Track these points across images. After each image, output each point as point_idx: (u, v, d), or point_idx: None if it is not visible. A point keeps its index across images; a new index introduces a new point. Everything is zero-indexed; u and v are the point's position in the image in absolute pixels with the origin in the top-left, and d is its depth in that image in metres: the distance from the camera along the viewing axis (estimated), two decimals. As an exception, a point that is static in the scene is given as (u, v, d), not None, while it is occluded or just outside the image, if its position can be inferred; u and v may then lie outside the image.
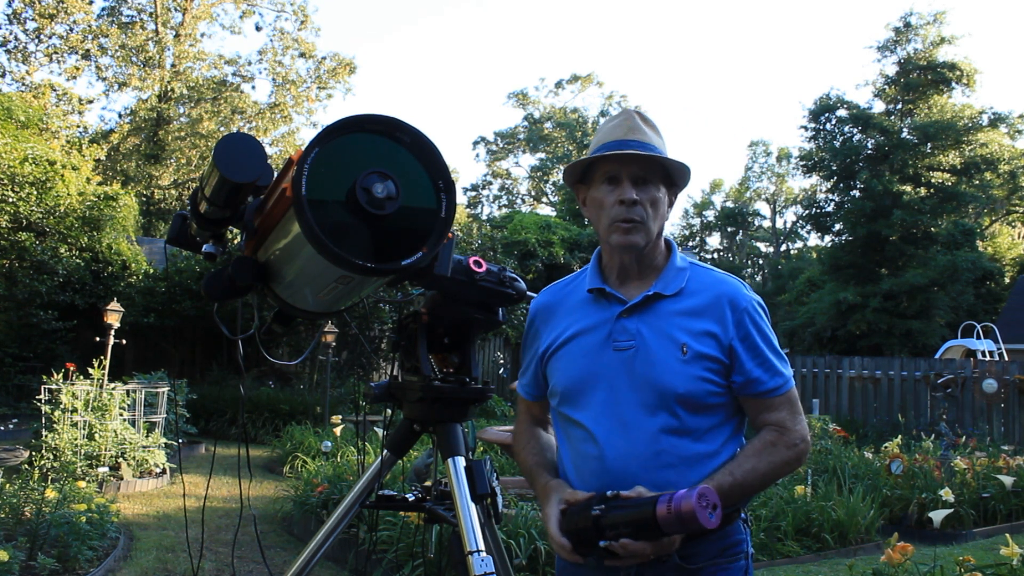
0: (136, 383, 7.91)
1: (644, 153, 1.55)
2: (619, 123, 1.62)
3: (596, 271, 1.67)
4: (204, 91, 26.43)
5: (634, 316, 1.58)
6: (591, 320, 1.62)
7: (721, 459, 1.54)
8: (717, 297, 1.57)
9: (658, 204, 1.58)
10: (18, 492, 4.54)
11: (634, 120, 1.61)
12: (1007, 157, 26.65)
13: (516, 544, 3.98)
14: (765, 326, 1.59)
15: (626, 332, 1.57)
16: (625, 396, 1.55)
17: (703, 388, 1.53)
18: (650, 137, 1.59)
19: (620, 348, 1.56)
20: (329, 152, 1.36)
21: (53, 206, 12.38)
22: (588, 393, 1.59)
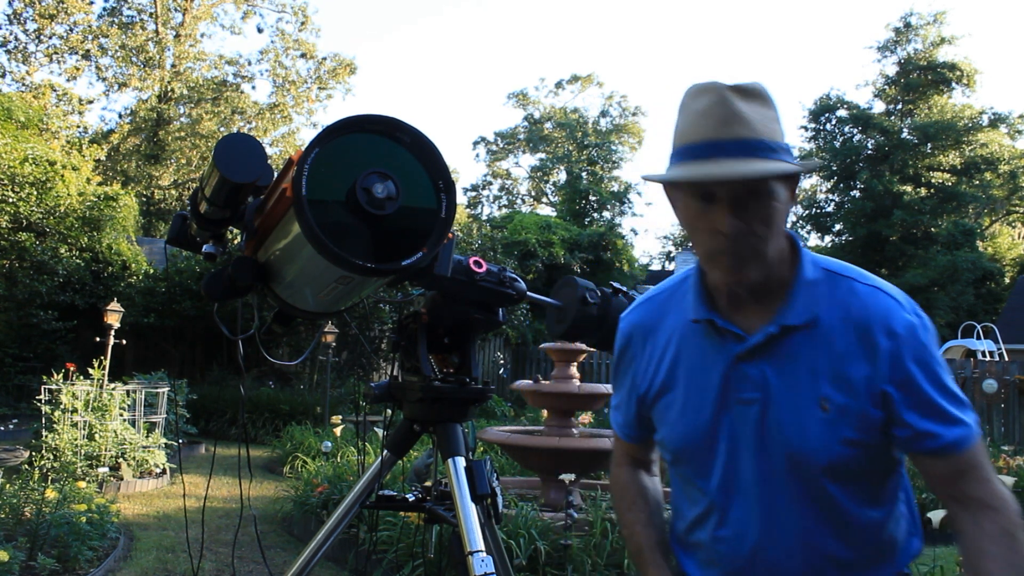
0: (136, 383, 7.91)
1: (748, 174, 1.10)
2: (707, 108, 1.14)
3: (700, 292, 1.28)
4: (204, 91, 26.44)
5: (757, 359, 1.21)
6: (702, 360, 1.27)
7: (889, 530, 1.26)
8: (864, 324, 1.18)
9: (774, 216, 1.15)
10: (18, 492, 4.54)
11: (729, 104, 1.13)
12: (1007, 157, 26.67)
13: (516, 544, 3.98)
14: (932, 359, 1.18)
15: (748, 381, 1.22)
16: (755, 465, 1.22)
17: (856, 454, 1.18)
18: (755, 124, 1.13)
19: (743, 402, 1.22)
20: (329, 152, 1.36)
21: (53, 206, 12.38)
22: (707, 457, 1.27)
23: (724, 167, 1.11)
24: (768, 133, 1.14)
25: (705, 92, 1.16)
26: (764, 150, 1.12)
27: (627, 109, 38.10)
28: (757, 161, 1.11)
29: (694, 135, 1.16)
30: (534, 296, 1.79)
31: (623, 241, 21.22)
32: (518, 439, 5.29)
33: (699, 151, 1.14)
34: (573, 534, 4.12)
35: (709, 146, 1.13)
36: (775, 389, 1.20)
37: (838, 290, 1.22)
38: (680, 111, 1.21)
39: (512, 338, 15.57)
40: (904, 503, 1.32)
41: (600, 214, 26.91)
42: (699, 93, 1.17)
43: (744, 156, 1.11)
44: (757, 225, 1.14)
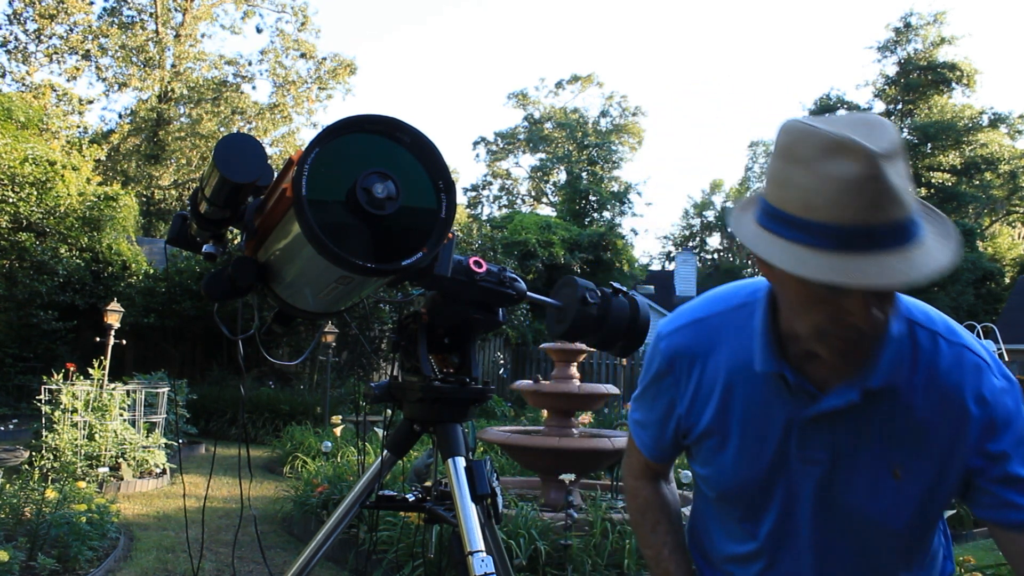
0: (136, 383, 7.91)
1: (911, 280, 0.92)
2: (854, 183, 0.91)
3: (769, 339, 1.13)
4: (204, 91, 26.45)
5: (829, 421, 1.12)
6: (763, 409, 1.16)
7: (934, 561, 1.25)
8: (950, 389, 1.08)
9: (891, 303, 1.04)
10: (18, 492, 4.54)
11: (884, 179, 0.91)
12: (1007, 157, 26.70)
13: (516, 544, 3.98)
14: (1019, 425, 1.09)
15: (816, 441, 1.13)
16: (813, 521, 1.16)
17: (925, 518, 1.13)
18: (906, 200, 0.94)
19: (808, 461, 1.14)
20: (329, 152, 1.36)
21: (53, 206, 12.39)
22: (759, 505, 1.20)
23: (883, 269, 0.91)
24: (912, 200, 0.95)
25: (847, 155, 0.92)
26: (913, 228, 0.95)
27: (627, 109, 38.13)
28: (911, 250, 0.93)
29: (836, 215, 0.93)
30: (534, 296, 1.79)
31: (623, 241, 21.24)
32: (518, 439, 5.29)
33: (844, 238, 0.93)
34: (573, 534, 4.13)
35: (859, 234, 0.92)
36: (845, 452, 1.11)
37: (923, 347, 1.10)
38: (800, 165, 0.96)
39: (512, 338, 15.57)
40: (942, 532, 1.29)
41: (600, 214, 26.92)
42: (836, 152, 0.93)
43: (899, 245, 0.93)
44: (885, 307, 1.01)
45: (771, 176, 1.01)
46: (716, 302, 1.26)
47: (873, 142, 0.91)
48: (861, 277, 0.91)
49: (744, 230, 1.04)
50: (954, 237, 1.00)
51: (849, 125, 0.94)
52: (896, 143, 0.94)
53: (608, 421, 9.28)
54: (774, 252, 0.97)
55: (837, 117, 0.99)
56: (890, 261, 0.92)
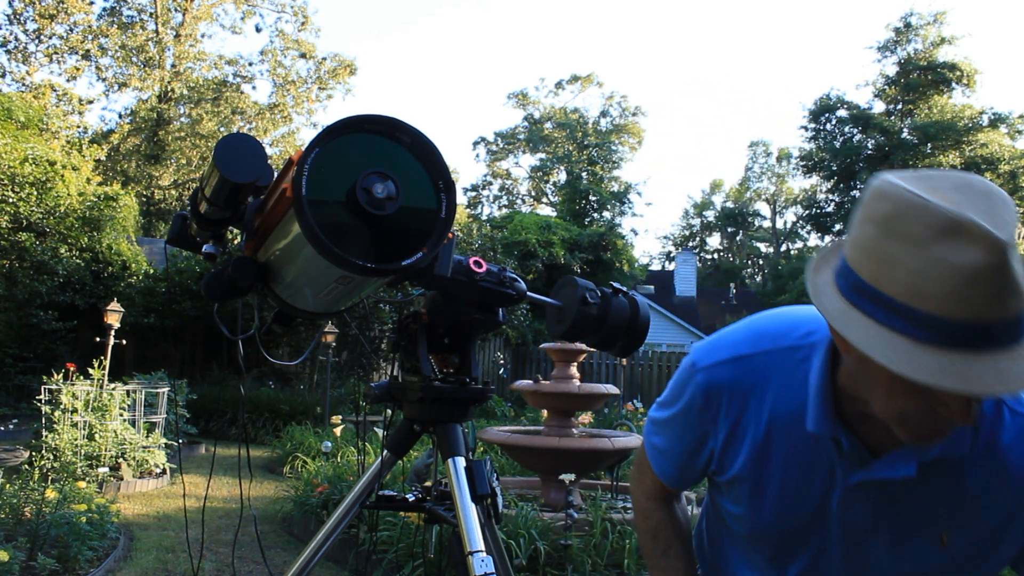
0: (136, 383, 7.91)
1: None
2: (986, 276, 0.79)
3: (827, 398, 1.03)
4: (204, 91, 26.46)
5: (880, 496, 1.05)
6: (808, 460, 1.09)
7: None
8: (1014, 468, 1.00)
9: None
10: (18, 492, 4.54)
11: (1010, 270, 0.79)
12: (1007, 157, 26.70)
13: (516, 544, 3.98)
14: None
15: (861, 503, 1.06)
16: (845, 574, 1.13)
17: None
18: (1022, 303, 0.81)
19: (849, 522, 1.08)
20: (329, 152, 1.37)
21: (53, 206, 12.39)
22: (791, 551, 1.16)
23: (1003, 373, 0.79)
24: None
25: (969, 239, 0.79)
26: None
27: (627, 109, 38.13)
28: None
29: (951, 308, 0.80)
30: (534, 296, 1.79)
31: (623, 241, 21.24)
32: (518, 439, 5.29)
33: (958, 335, 0.80)
34: (573, 534, 4.13)
35: (974, 330, 0.80)
36: (889, 518, 1.05)
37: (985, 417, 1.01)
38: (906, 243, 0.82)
39: (512, 338, 15.58)
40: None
41: (600, 214, 26.93)
42: (955, 236, 0.79)
43: (1013, 342, 0.81)
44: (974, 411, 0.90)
45: (867, 248, 0.87)
46: (764, 338, 1.14)
47: (997, 225, 0.79)
48: (977, 383, 0.79)
49: (828, 303, 0.90)
50: None
51: (966, 198, 0.81)
52: (1015, 221, 0.82)
53: (608, 421, 9.28)
54: (871, 341, 0.84)
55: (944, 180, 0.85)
56: (1006, 363, 0.80)
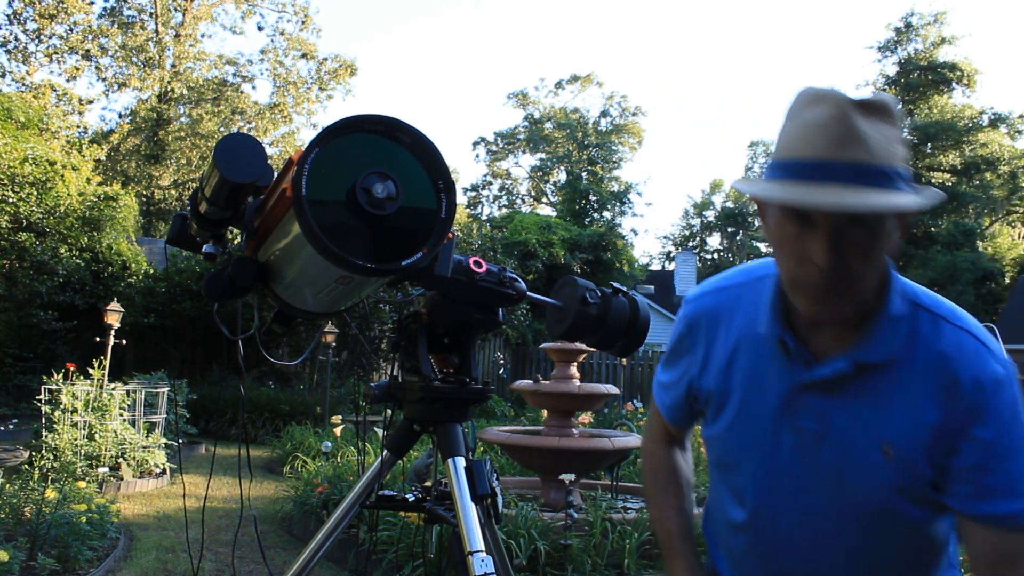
0: (136, 383, 7.91)
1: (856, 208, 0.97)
2: (823, 123, 1.00)
3: (777, 304, 1.16)
4: (204, 91, 26.46)
5: (821, 390, 1.14)
6: (764, 375, 1.19)
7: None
8: (948, 371, 1.07)
9: (876, 250, 1.04)
10: (18, 492, 4.54)
11: (849, 120, 0.99)
12: (1007, 157, 26.71)
13: (516, 544, 3.98)
14: (1012, 417, 1.07)
15: (808, 410, 1.14)
16: (799, 494, 1.17)
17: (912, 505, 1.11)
18: (872, 146, 0.98)
19: (798, 430, 1.15)
20: (329, 152, 1.37)
21: (53, 206, 12.39)
22: (752, 473, 1.23)
23: (831, 195, 0.97)
24: (887, 158, 1.00)
25: (822, 101, 1.01)
26: (880, 178, 0.98)
27: (627, 109, 38.14)
28: (871, 191, 0.97)
29: (802, 150, 1.01)
30: (534, 296, 1.79)
31: (623, 241, 21.24)
32: (518, 439, 5.29)
33: (805, 170, 1.00)
34: (573, 534, 4.13)
35: (818, 166, 0.99)
36: (835, 424, 1.12)
37: (923, 327, 1.11)
38: (788, 117, 1.06)
39: (512, 338, 15.58)
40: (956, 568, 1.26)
41: (600, 214, 26.93)
42: (815, 101, 1.02)
43: (857, 183, 0.97)
44: (854, 260, 1.02)
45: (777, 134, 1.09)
46: (740, 274, 1.29)
47: (854, 96, 1.00)
48: (806, 200, 0.98)
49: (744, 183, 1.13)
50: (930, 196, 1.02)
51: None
52: (885, 105, 1.01)
53: (608, 421, 9.28)
54: (751, 187, 1.10)
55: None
56: (840, 191, 0.97)
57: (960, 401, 1.06)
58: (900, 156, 1.02)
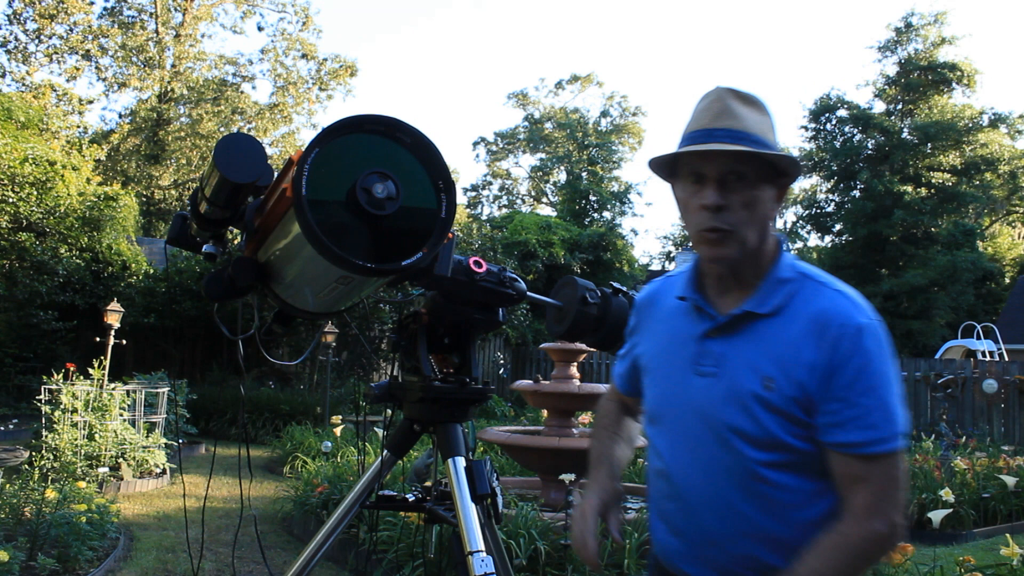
0: (136, 383, 7.91)
1: (729, 148, 1.25)
2: (707, 105, 1.32)
3: (692, 275, 1.43)
4: (204, 91, 26.45)
5: (721, 338, 1.34)
6: (681, 334, 1.41)
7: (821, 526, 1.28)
8: (821, 319, 1.26)
9: (755, 204, 1.29)
10: (18, 492, 4.54)
11: (725, 101, 1.30)
12: (1007, 157, 26.68)
13: (516, 544, 3.98)
14: (871, 360, 1.24)
15: (710, 356, 1.34)
16: (701, 433, 1.34)
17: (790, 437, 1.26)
18: (745, 121, 1.28)
19: (702, 374, 1.35)
20: (329, 152, 1.37)
21: (53, 206, 12.37)
22: (667, 421, 1.41)
23: (705, 145, 1.28)
24: (758, 130, 1.29)
25: (708, 93, 1.35)
26: (750, 140, 1.27)
27: (627, 109, 38.11)
28: (740, 147, 1.26)
29: (693, 126, 1.32)
30: (534, 296, 1.79)
31: (623, 241, 21.23)
32: (518, 439, 5.29)
33: (695, 137, 1.30)
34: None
35: (703, 133, 1.29)
36: (728, 365, 1.32)
37: (805, 289, 1.32)
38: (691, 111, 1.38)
39: (512, 338, 15.57)
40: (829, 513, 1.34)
41: (600, 214, 26.90)
42: (704, 95, 1.36)
43: (731, 141, 1.27)
44: (738, 206, 1.28)
45: None
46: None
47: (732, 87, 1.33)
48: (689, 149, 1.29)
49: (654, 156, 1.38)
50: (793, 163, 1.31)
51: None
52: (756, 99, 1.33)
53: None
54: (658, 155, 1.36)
55: None
56: (715, 146, 1.27)
57: (829, 344, 1.24)
58: (772, 138, 1.30)
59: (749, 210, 1.29)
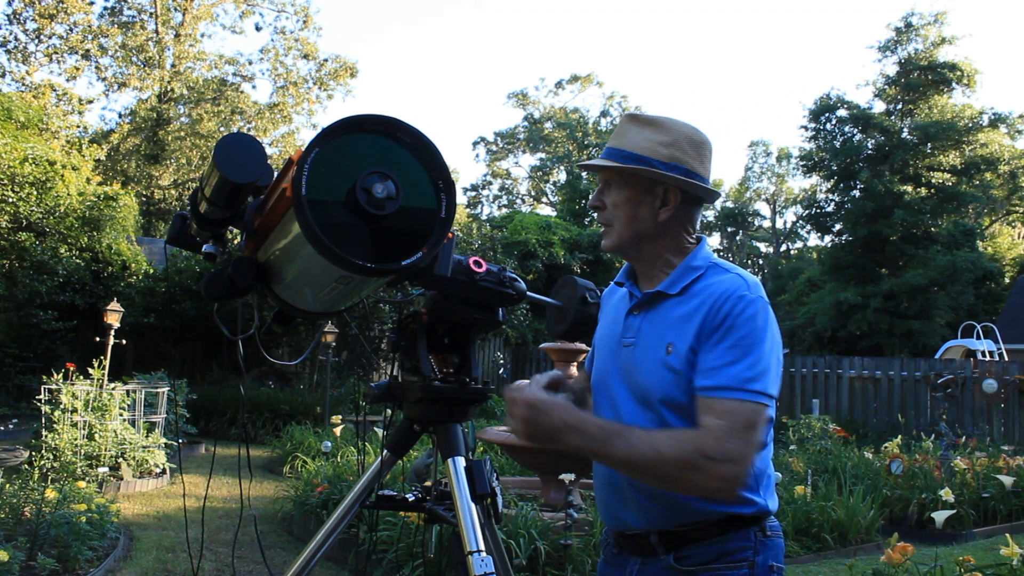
0: (136, 383, 7.91)
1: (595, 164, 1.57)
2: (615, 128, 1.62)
3: (629, 267, 1.67)
4: (204, 91, 26.44)
5: (640, 314, 1.58)
6: (616, 316, 1.65)
7: None
8: (712, 292, 1.48)
9: (622, 206, 1.55)
10: (18, 492, 4.54)
11: (622, 125, 1.60)
12: (1007, 157, 26.66)
13: (516, 544, 3.99)
14: (738, 322, 1.43)
15: (631, 329, 1.58)
16: (623, 396, 1.56)
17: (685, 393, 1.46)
18: (629, 140, 1.55)
19: (625, 344, 1.58)
20: (329, 152, 1.37)
21: (53, 206, 12.38)
22: (603, 388, 1.63)
23: (586, 161, 1.66)
24: (639, 148, 1.54)
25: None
26: (621, 156, 1.55)
27: (627, 109, 38.10)
28: (608, 161, 1.56)
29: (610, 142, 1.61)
30: (534, 296, 1.79)
31: (623, 241, 21.17)
32: (518, 439, 5.28)
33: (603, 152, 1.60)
34: (573, 534, 4.13)
35: (603, 150, 1.59)
36: (642, 336, 1.55)
37: (709, 275, 1.53)
38: None
39: (512, 338, 15.57)
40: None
41: (600, 214, 26.88)
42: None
43: (608, 158, 1.56)
44: (610, 206, 1.57)
45: None
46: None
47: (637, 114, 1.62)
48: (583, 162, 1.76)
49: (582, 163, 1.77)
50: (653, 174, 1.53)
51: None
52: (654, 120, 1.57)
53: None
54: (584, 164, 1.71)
55: None
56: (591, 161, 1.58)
57: (715, 310, 1.45)
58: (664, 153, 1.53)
59: (618, 210, 1.56)
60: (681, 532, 1.50)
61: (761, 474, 1.51)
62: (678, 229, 1.57)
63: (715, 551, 1.49)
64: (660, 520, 1.52)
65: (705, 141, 1.58)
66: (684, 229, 1.58)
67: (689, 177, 1.53)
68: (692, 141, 1.55)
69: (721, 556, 1.49)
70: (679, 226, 1.57)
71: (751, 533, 1.50)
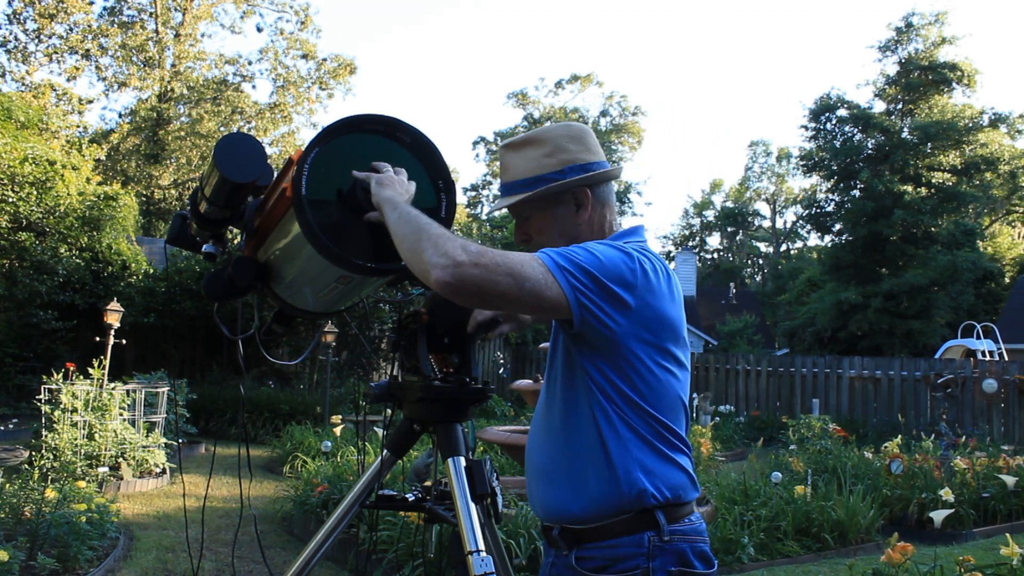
0: (136, 383, 7.90)
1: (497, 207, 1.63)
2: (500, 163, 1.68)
3: None
4: (204, 91, 26.44)
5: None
6: None
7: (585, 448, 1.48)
8: None
9: (545, 230, 1.58)
10: (18, 492, 4.54)
11: (502, 158, 1.62)
12: (1007, 157, 26.68)
13: (516, 544, 3.98)
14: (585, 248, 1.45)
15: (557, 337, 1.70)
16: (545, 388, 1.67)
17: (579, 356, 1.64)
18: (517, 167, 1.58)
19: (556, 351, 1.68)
20: (329, 152, 1.37)
21: (53, 206, 12.37)
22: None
23: (497, 204, 1.63)
24: (531, 171, 1.56)
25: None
26: (520, 187, 1.57)
27: (627, 109, 38.17)
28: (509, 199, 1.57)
29: None
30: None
31: (623, 241, 21.19)
32: (518, 439, 5.29)
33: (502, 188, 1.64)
34: (573, 534, 4.11)
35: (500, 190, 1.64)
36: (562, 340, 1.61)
37: None
38: None
39: (512, 338, 15.57)
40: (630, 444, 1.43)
41: (600, 214, 26.90)
42: None
43: (505, 193, 1.60)
44: (535, 234, 1.60)
45: None
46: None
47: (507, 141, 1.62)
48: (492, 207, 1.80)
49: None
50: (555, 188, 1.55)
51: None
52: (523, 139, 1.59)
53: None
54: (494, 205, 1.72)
55: None
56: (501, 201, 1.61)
57: None
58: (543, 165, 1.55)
59: (542, 235, 1.58)
60: (576, 530, 1.46)
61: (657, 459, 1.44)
62: (600, 216, 1.60)
63: (608, 555, 1.43)
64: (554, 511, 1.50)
65: (581, 128, 1.61)
66: (605, 212, 1.61)
67: (587, 171, 1.55)
68: (570, 136, 1.57)
69: (615, 562, 1.42)
70: (599, 213, 1.60)
71: (644, 538, 1.41)
